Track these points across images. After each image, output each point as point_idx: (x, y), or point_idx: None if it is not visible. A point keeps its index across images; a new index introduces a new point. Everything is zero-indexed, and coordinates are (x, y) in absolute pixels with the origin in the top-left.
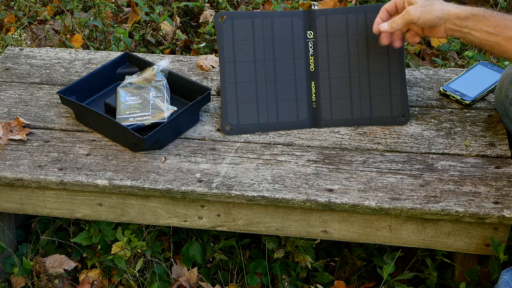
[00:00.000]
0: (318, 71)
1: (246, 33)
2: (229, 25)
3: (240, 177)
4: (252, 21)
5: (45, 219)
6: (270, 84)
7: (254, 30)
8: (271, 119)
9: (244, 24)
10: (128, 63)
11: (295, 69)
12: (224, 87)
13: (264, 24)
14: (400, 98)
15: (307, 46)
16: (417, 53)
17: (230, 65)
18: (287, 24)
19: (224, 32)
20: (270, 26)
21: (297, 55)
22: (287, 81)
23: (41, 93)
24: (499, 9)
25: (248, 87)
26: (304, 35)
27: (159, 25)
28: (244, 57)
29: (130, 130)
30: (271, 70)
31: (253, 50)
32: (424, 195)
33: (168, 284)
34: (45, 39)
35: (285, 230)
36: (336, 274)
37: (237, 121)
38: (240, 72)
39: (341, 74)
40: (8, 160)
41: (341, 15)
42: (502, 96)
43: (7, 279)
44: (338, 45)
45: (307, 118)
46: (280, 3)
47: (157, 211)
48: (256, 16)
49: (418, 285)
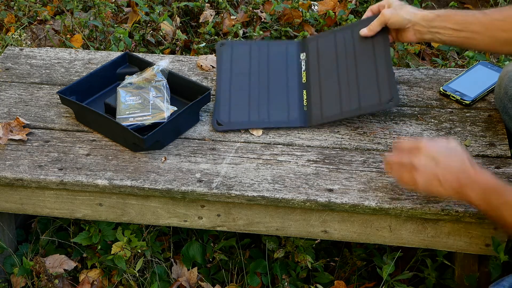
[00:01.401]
0: (309, 82)
1: (244, 54)
2: (228, 48)
3: (240, 177)
4: (250, 47)
5: (45, 219)
6: (263, 90)
7: (251, 52)
8: (262, 117)
9: (242, 48)
10: (128, 63)
11: (288, 80)
12: (218, 92)
13: (260, 49)
14: (388, 83)
15: (299, 65)
16: (417, 53)
17: (227, 76)
18: (282, 49)
19: (223, 53)
20: (266, 51)
21: (290, 71)
22: (279, 88)
23: (41, 93)
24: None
25: (242, 93)
26: (297, 56)
27: (159, 25)
28: (240, 70)
29: (130, 130)
30: (265, 80)
31: (249, 65)
32: (424, 195)
33: (168, 284)
34: (45, 39)
35: (285, 230)
36: (336, 274)
37: (228, 119)
38: (235, 81)
39: (331, 79)
40: (8, 160)
41: (329, 36)
42: (501, 93)
43: (7, 279)
44: (328, 61)
45: (297, 117)
46: (280, 2)
47: (157, 211)
48: (254, 44)
49: (418, 285)
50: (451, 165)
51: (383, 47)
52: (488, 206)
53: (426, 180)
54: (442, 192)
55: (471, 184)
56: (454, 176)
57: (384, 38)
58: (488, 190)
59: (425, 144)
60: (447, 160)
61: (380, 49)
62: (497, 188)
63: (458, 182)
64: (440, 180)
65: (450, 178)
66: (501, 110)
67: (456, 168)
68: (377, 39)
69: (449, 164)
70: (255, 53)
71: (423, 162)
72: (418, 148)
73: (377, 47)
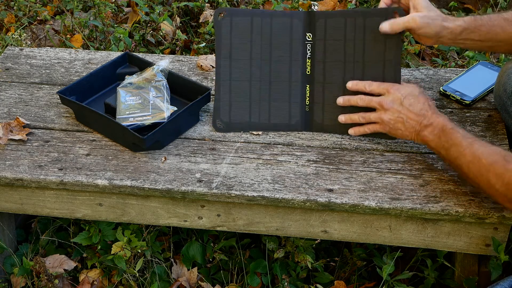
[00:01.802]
0: (314, 75)
1: (244, 31)
2: (227, 22)
3: (240, 177)
4: (251, 20)
5: (45, 219)
6: (265, 84)
7: (253, 28)
8: (262, 119)
9: (243, 22)
10: (128, 63)
11: (291, 71)
12: (218, 84)
13: (263, 23)
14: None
15: (305, 49)
16: (417, 53)
17: (226, 62)
18: (286, 25)
19: (222, 28)
20: (269, 26)
21: (294, 57)
22: (282, 82)
23: (41, 93)
24: (499, 9)
25: (242, 85)
26: (303, 36)
27: (159, 25)
28: (241, 55)
29: (130, 130)
30: (267, 70)
31: (250, 48)
32: (424, 195)
33: (168, 284)
34: (45, 39)
35: (285, 230)
36: (336, 274)
37: (229, 119)
38: (236, 70)
39: (336, 80)
40: (8, 160)
41: (340, 18)
42: (500, 91)
43: (7, 279)
44: (335, 50)
45: (298, 121)
46: (280, 3)
47: (157, 211)
48: (256, 14)
49: (418, 285)
50: (414, 107)
51: (395, 51)
52: (443, 150)
53: (391, 119)
54: (405, 133)
55: (429, 126)
56: (415, 117)
57: (397, 43)
58: (441, 132)
59: (393, 87)
60: (412, 102)
61: (391, 52)
62: (448, 131)
63: (419, 124)
64: (404, 121)
65: (412, 120)
66: (500, 107)
67: (418, 110)
68: (390, 40)
69: (412, 106)
70: (257, 31)
71: (390, 103)
72: (387, 90)
73: (388, 51)
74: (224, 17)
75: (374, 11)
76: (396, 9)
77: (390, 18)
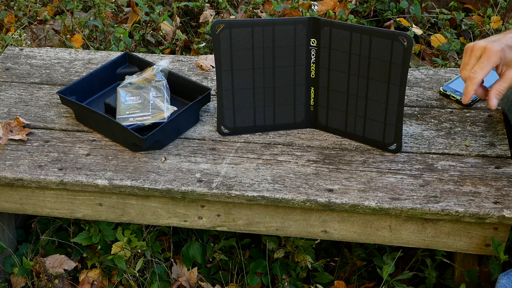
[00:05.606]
0: (318, 79)
1: (245, 42)
2: (226, 34)
3: (240, 177)
4: (252, 30)
5: (45, 219)
6: (269, 90)
7: (254, 38)
8: (268, 122)
9: (243, 33)
10: (128, 63)
11: (295, 75)
12: (220, 93)
13: (264, 33)
14: (394, 129)
15: (309, 53)
16: (417, 53)
17: (228, 73)
18: (289, 32)
19: (221, 41)
20: (271, 35)
21: (298, 62)
22: (286, 87)
23: (41, 93)
24: (499, 9)
25: (246, 93)
26: (307, 42)
27: (159, 25)
28: (242, 65)
29: (130, 130)
30: (270, 78)
31: (252, 59)
32: (424, 195)
33: (168, 284)
34: (45, 39)
35: (285, 230)
36: (336, 274)
37: (233, 125)
38: (238, 80)
39: (340, 89)
40: (8, 160)
41: (346, 32)
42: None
43: (7, 279)
44: (340, 61)
45: (304, 120)
46: (280, 2)
47: (157, 211)
48: (257, 24)
49: (418, 285)
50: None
51: (400, 78)
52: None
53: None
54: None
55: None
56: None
57: (403, 73)
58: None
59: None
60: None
61: (397, 78)
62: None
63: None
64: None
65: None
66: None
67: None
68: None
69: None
70: (259, 40)
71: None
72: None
73: (393, 75)
74: (223, 30)
75: (381, 32)
76: (404, 35)
77: (395, 43)
